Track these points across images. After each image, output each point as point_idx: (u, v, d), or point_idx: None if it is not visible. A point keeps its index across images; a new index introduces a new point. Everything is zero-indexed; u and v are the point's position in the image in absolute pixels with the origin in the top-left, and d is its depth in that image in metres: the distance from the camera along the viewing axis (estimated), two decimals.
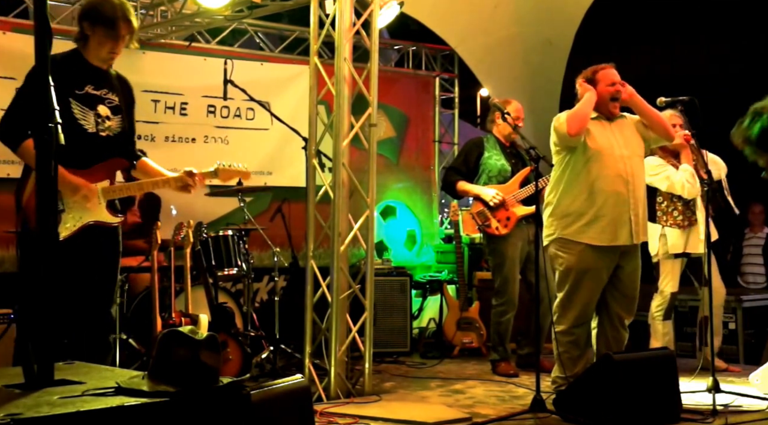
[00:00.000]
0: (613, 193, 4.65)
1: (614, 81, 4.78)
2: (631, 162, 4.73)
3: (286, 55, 7.65)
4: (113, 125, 3.86)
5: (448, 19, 7.63)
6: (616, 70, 4.82)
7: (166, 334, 2.58)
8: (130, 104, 4.02)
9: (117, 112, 3.90)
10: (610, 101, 4.77)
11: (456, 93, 8.87)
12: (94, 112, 3.81)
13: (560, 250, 4.75)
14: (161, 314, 4.85)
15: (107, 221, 3.81)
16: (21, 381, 2.52)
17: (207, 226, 5.74)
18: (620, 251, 4.71)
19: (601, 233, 4.64)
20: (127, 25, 3.82)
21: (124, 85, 4.02)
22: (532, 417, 4.31)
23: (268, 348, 5.70)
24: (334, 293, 4.95)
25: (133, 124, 4.05)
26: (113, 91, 3.90)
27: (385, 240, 8.12)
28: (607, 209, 4.64)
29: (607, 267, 4.71)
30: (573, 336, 4.74)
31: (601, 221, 4.64)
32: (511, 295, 5.83)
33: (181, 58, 7.03)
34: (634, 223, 4.67)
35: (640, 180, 4.79)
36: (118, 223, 3.86)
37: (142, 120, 6.73)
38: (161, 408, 2.35)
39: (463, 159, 6.12)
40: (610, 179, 4.66)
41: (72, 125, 3.65)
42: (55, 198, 2.69)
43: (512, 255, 5.81)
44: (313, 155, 5.23)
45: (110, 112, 3.87)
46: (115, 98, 3.91)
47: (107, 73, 3.92)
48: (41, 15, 2.65)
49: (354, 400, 4.83)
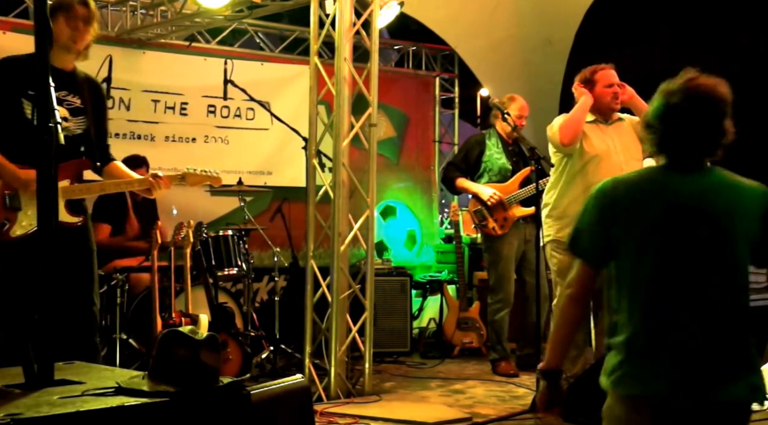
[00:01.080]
0: None
1: (612, 82, 4.76)
2: (628, 166, 4.72)
3: (286, 55, 7.65)
4: (71, 126, 3.79)
5: (448, 19, 7.63)
6: (615, 71, 4.80)
7: (166, 334, 2.58)
8: (97, 106, 3.94)
9: (77, 113, 3.83)
10: (609, 102, 4.76)
11: (456, 93, 8.87)
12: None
13: (555, 250, 4.76)
14: (161, 314, 4.86)
15: (66, 221, 3.73)
16: (21, 381, 2.52)
17: (207, 226, 5.73)
18: None
19: None
20: (83, 8, 3.76)
21: (93, 88, 3.95)
22: (532, 417, 4.32)
23: (268, 348, 5.70)
24: (334, 293, 4.95)
25: (103, 126, 3.97)
26: (75, 94, 3.84)
27: (385, 240, 8.12)
28: None
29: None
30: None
31: None
32: (506, 293, 5.85)
33: (181, 58, 7.04)
34: None
35: None
36: (78, 223, 3.79)
37: (142, 120, 6.80)
38: (161, 408, 2.35)
39: (463, 156, 6.13)
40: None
41: (23, 125, 3.61)
42: (56, 198, 2.68)
43: (508, 254, 5.83)
44: (313, 155, 5.23)
45: (69, 113, 3.80)
46: (76, 100, 3.84)
47: (71, 75, 3.85)
48: (41, 15, 2.65)
49: (354, 400, 4.83)
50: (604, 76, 4.77)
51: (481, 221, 5.89)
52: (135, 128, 6.74)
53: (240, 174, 6.48)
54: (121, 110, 6.67)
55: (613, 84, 4.75)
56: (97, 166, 3.97)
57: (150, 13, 6.71)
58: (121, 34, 6.66)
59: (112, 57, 5.78)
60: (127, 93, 6.70)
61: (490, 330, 5.97)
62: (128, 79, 6.58)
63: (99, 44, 6.49)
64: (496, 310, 5.88)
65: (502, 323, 5.87)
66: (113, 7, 6.68)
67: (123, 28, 6.64)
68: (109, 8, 6.67)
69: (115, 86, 6.00)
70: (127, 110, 6.73)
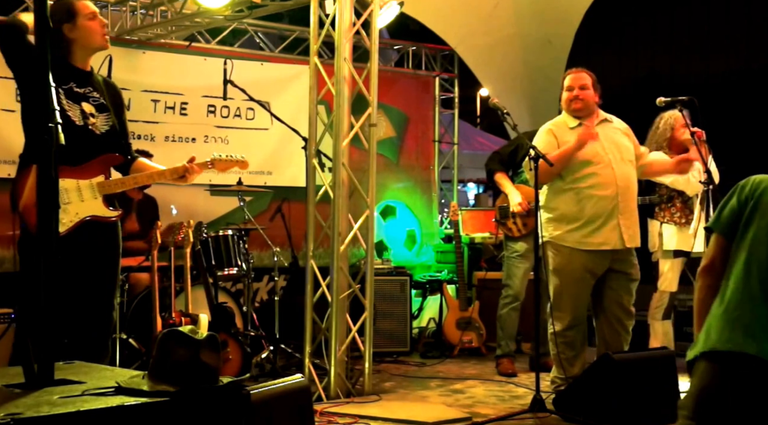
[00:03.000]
0: (601, 198, 4.67)
1: (572, 85, 4.87)
2: (620, 167, 4.74)
3: (286, 55, 7.65)
4: (98, 123, 3.82)
5: (448, 19, 7.63)
6: (587, 74, 4.90)
7: (166, 334, 2.58)
8: (118, 105, 3.98)
9: (102, 110, 3.85)
10: (567, 106, 4.88)
11: (456, 93, 8.86)
12: (79, 107, 3.79)
13: (549, 251, 4.80)
14: (161, 314, 4.86)
15: (105, 216, 3.79)
16: (21, 381, 2.53)
17: (207, 226, 5.74)
18: (611, 256, 4.72)
19: (588, 237, 4.67)
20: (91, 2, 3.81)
21: (111, 88, 3.99)
22: (532, 417, 4.32)
23: (268, 348, 5.70)
24: (334, 293, 4.95)
25: (125, 124, 4.01)
26: (97, 91, 3.87)
27: (385, 240, 8.12)
28: (595, 214, 4.67)
29: (595, 271, 4.73)
30: (567, 337, 4.76)
31: (589, 226, 4.67)
32: (515, 289, 5.90)
33: (181, 58, 7.03)
34: (625, 226, 4.69)
35: (630, 184, 4.78)
36: (117, 217, 3.84)
37: (142, 120, 6.80)
38: (161, 408, 2.35)
39: (508, 150, 6.15)
40: (598, 185, 4.68)
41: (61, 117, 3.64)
42: (56, 198, 2.68)
43: (523, 252, 5.88)
44: (313, 155, 5.24)
45: (94, 109, 3.84)
46: (100, 97, 3.87)
47: (90, 75, 3.89)
48: (41, 15, 2.65)
49: (354, 400, 4.83)
50: (567, 80, 4.91)
51: (503, 217, 5.96)
52: (135, 128, 6.72)
53: (240, 174, 6.46)
54: None
55: (572, 87, 4.85)
56: (128, 159, 3.99)
57: (150, 13, 6.70)
58: (121, 34, 6.66)
59: (112, 57, 5.78)
60: (127, 93, 6.62)
61: (497, 325, 5.99)
62: (128, 79, 6.58)
63: None
64: (503, 304, 5.94)
65: (508, 318, 5.90)
66: (113, 7, 6.67)
67: (123, 28, 6.64)
68: (109, 8, 6.67)
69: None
70: (127, 110, 6.66)
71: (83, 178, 3.76)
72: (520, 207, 5.82)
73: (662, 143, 5.58)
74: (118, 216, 3.85)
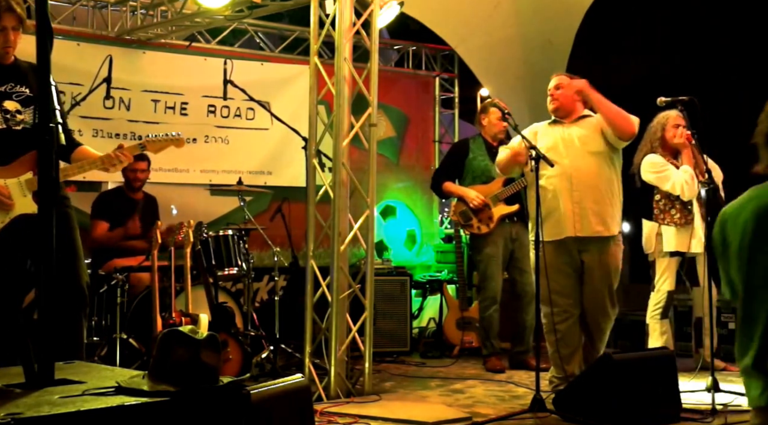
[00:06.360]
0: (558, 190, 4.84)
1: (549, 88, 5.05)
2: (578, 158, 4.87)
3: (286, 55, 7.66)
4: (26, 118, 3.77)
5: (448, 19, 7.63)
6: (566, 76, 5.04)
7: (166, 334, 2.58)
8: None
9: (29, 103, 3.79)
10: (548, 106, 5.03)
11: (456, 93, 8.88)
12: (0, 108, 3.75)
13: (532, 251, 4.92)
14: (161, 314, 4.86)
15: (35, 212, 3.72)
16: (21, 381, 2.53)
17: (207, 225, 5.74)
18: (578, 247, 4.86)
19: (551, 229, 4.81)
20: (9, 14, 3.71)
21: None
22: (532, 417, 4.32)
23: (268, 348, 5.70)
24: (334, 293, 4.95)
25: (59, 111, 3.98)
26: (21, 84, 3.81)
27: (385, 240, 8.12)
28: (553, 206, 4.85)
29: (568, 262, 4.88)
30: (558, 333, 4.79)
31: (549, 218, 4.83)
32: (492, 291, 6.05)
33: (181, 58, 7.04)
34: (580, 215, 4.81)
35: (589, 174, 4.86)
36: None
37: (142, 120, 6.80)
38: (161, 408, 2.35)
39: (449, 161, 6.44)
40: (554, 178, 4.84)
41: None
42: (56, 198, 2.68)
43: (492, 253, 6.04)
44: (313, 155, 5.24)
45: (20, 105, 3.78)
46: (25, 90, 3.81)
47: (12, 67, 3.82)
48: (42, 15, 2.65)
49: (354, 400, 4.83)
50: (551, 83, 5.07)
51: (467, 221, 6.10)
52: (135, 128, 6.75)
53: (240, 174, 6.49)
54: (121, 110, 6.68)
55: (549, 90, 5.04)
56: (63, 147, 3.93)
57: (150, 13, 6.71)
58: (121, 34, 6.67)
59: (112, 57, 5.79)
60: (127, 93, 6.71)
61: (479, 327, 6.18)
62: (128, 79, 6.59)
63: (99, 44, 6.59)
64: (484, 308, 6.12)
65: (491, 320, 6.07)
66: (113, 7, 6.69)
67: (123, 28, 6.65)
68: (109, 8, 6.68)
69: (115, 86, 6.02)
70: (127, 110, 6.74)
71: (10, 177, 3.71)
72: (479, 198, 6.00)
73: (654, 142, 5.61)
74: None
